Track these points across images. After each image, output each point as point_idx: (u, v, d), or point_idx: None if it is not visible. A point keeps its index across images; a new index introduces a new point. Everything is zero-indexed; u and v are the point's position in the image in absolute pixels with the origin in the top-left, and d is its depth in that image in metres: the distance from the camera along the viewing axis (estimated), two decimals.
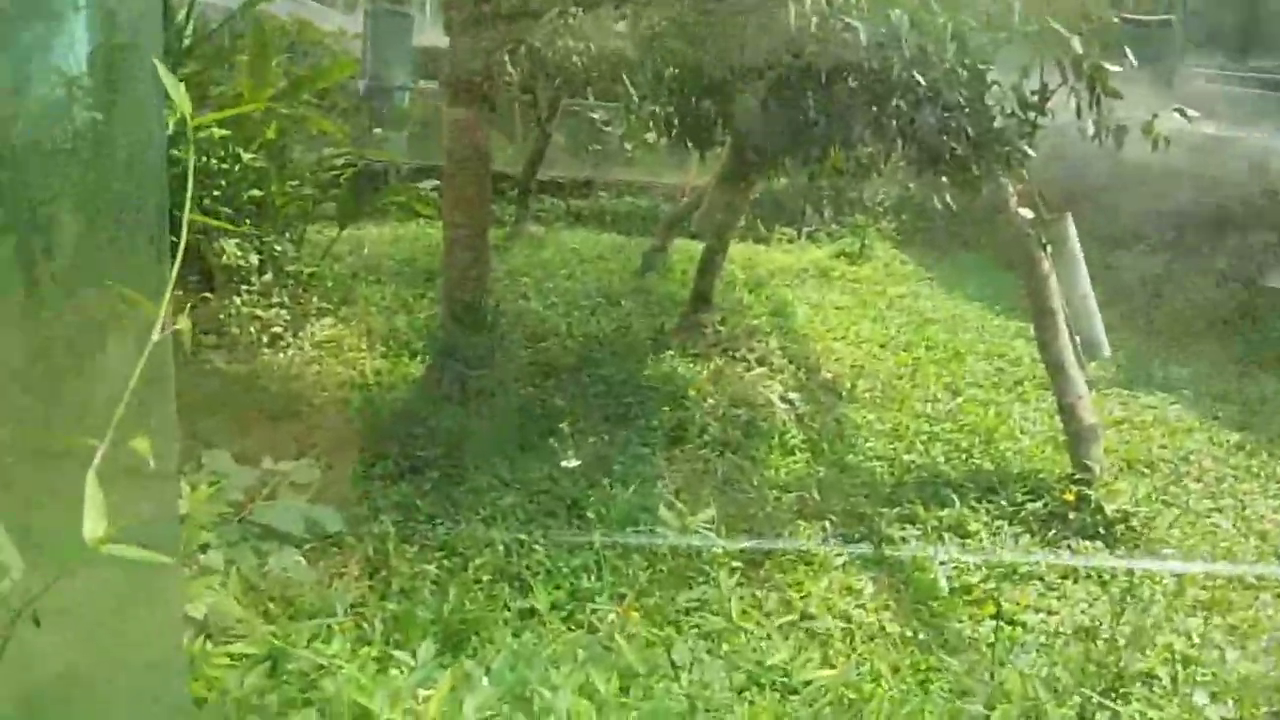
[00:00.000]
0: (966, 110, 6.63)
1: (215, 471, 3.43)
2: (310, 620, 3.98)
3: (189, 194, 1.81)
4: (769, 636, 3.42)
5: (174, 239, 1.76)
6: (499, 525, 5.56)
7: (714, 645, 2.96)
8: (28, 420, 1.52)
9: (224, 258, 7.82)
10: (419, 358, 7.83)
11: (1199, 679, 3.97)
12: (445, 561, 5.11)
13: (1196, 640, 4.53)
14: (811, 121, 6.49)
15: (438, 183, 10.70)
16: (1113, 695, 2.87)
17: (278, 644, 2.57)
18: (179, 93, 1.62)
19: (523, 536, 5.40)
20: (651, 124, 8.13)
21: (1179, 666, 4.06)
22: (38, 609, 1.26)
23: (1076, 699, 2.59)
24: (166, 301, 1.54)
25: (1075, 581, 5.60)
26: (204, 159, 7.63)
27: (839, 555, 5.60)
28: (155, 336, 1.46)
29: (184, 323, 1.66)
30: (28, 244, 1.46)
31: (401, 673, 2.54)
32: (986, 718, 2.29)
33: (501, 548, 5.26)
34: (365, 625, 4.31)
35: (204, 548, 3.10)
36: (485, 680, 2.49)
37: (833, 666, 4.27)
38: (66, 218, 1.67)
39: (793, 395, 7.58)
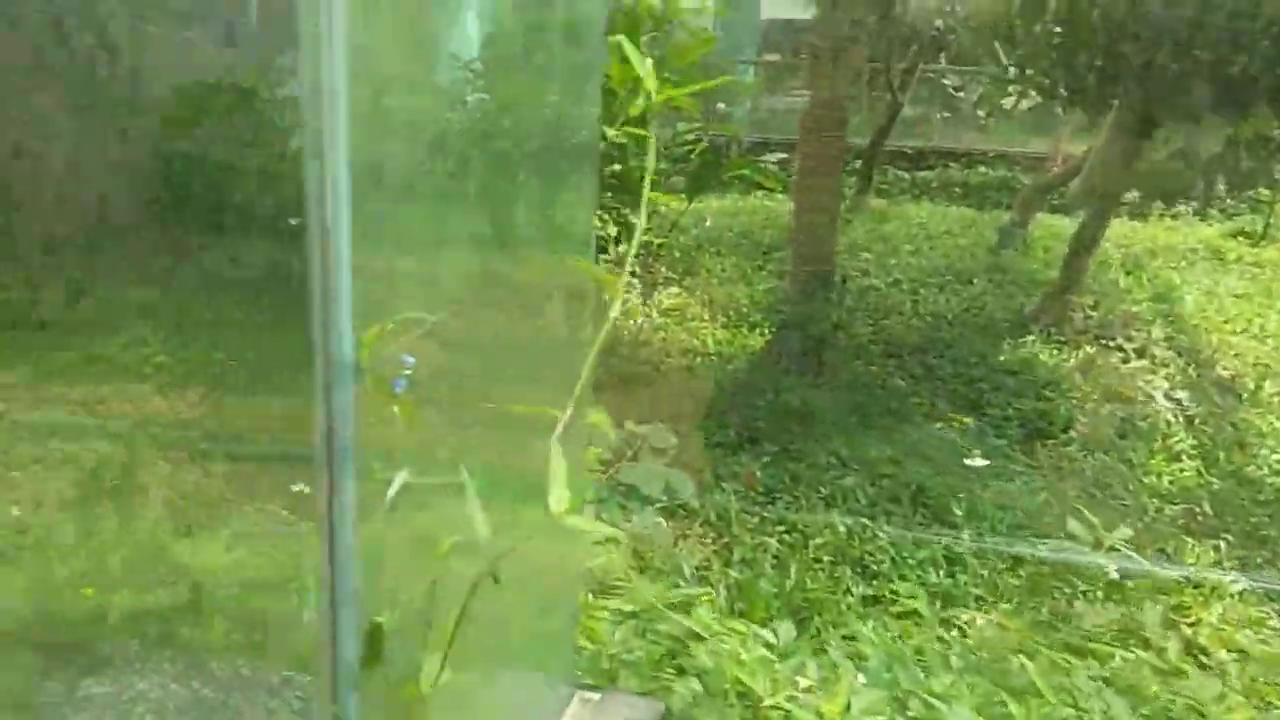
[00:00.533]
0: None
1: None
2: (666, 584, 4.12)
3: (649, 169, 1.79)
4: (1182, 672, 2.96)
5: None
6: (839, 505, 5.42)
7: (1115, 677, 2.60)
8: (492, 388, 1.59)
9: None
10: (758, 329, 7.84)
11: None
12: (785, 536, 5.06)
13: None
14: (1232, 78, 5.53)
15: (783, 155, 10.68)
16: None
17: (653, 603, 2.62)
18: (646, 70, 1.62)
19: (865, 519, 5.22)
20: (1017, 88, 7.40)
21: None
22: (499, 572, 1.31)
23: None
24: (624, 279, 1.56)
25: None
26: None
27: (1235, 580, 4.82)
28: (614, 314, 1.47)
29: (617, 305, 1.66)
30: (498, 219, 1.52)
31: (768, 649, 2.48)
32: None
33: (843, 529, 5.11)
34: (711, 588, 4.39)
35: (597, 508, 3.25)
36: (861, 678, 2.37)
37: (1230, 709, 3.67)
38: (522, 193, 1.72)
39: (1180, 393, 6.63)
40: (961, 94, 13.73)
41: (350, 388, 1.15)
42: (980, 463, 5.14)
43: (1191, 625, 4.51)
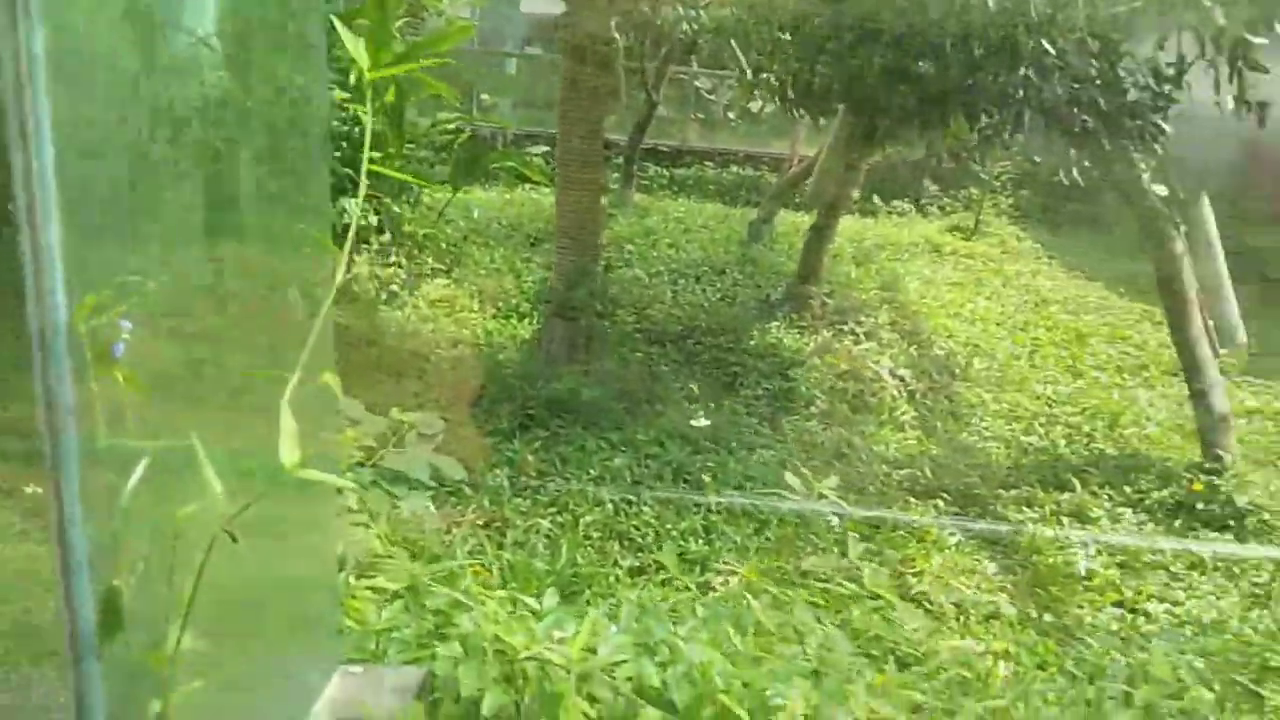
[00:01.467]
0: (1098, 81, 6.33)
1: (349, 417, 3.54)
2: (435, 563, 4.13)
3: (367, 145, 1.85)
4: (892, 606, 3.38)
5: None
6: (608, 485, 5.63)
7: (834, 611, 2.93)
8: (220, 353, 1.58)
9: (344, 217, 8.05)
10: (527, 319, 7.95)
11: None
12: (557, 517, 5.20)
13: None
14: (934, 89, 6.28)
15: (546, 149, 10.84)
16: (1257, 685, 2.73)
17: (418, 578, 2.65)
18: (359, 49, 1.66)
19: (631, 496, 5.46)
20: (759, 91, 7.98)
21: None
22: (234, 530, 1.32)
23: (1218, 686, 2.46)
24: (350, 243, 1.59)
25: (1203, 573, 5.36)
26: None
27: (953, 533, 5.50)
28: (339, 278, 1.50)
29: (356, 270, 1.70)
30: (212, 188, 1.51)
31: (533, 616, 2.59)
32: (1128, 696, 2.20)
33: (610, 506, 5.33)
34: (486, 571, 4.44)
35: (340, 490, 3.20)
36: (614, 629, 2.52)
37: (947, 641, 4.20)
38: (241, 171, 1.72)
39: (903, 371, 7.43)
40: (713, 96, 14.48)
41: (65, 355, 1.15)
42: (704, 423, 5.56)
43: (916, 574, 5.10)
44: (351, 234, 1.77)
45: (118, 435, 1.27)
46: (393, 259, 8.07)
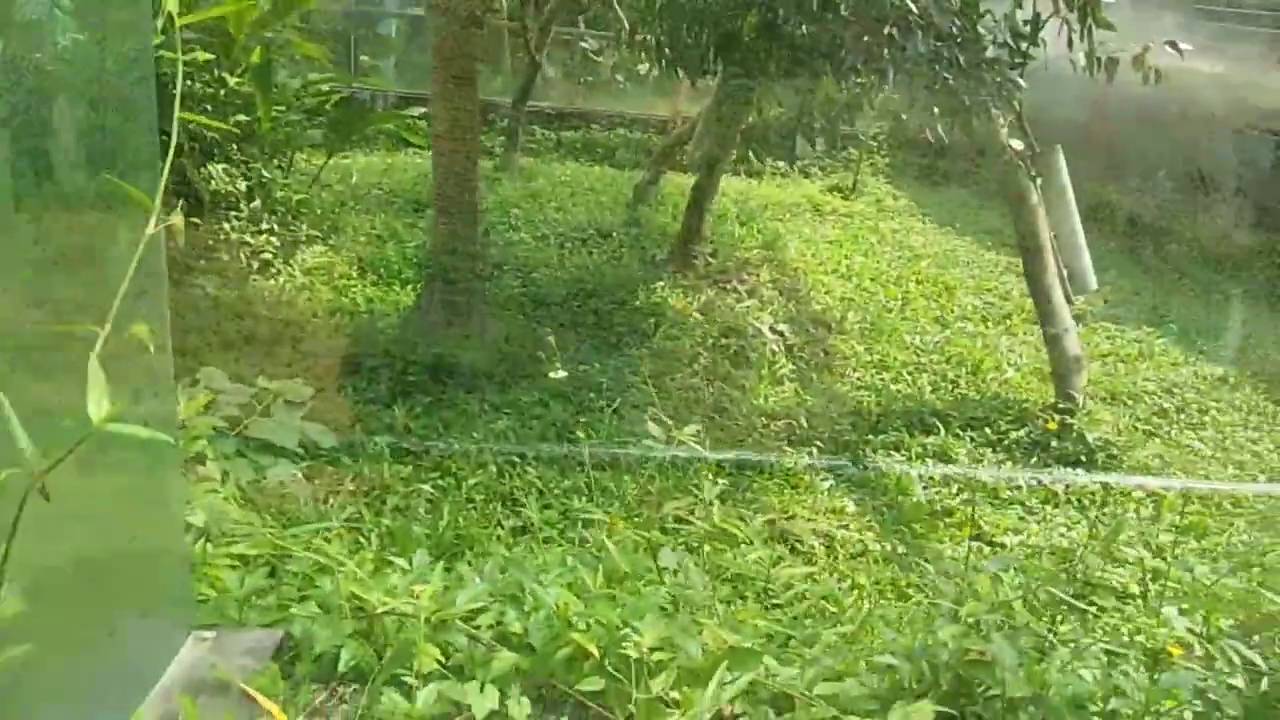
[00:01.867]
0: (958, 40, 6.57)
1: (210, 387, 3.46)
2: (299, 528, 4.09)
3: (179, 91, 1.83)
4: (751, 544, 3.55)
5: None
6: (491, 448, 5.65)
7: (698, 554, 3.05)
8: (36, 308, 1.55)
9: (212, 183, 7.75)
10: (410, 286, 7.83)
11: (1168, 593, 4.10)
12: (440, 481, 5.20)
13: (1170, 558, 4.66)
14: (802, 50, 6.42)
15: (425, 110, 10.62)
16: (1083, 601, 2.98)
17: (278, 545, 2.64)
18: None
19: (515, 457, 5.50)
20: (643, 53, 8.01)
21: (1150, 582, 4.19)
22: (46, 486, 1.31)
23: (1044, 599, 2.68)
24: (161, 192, 1.56)
25: (1055, 506, 5.75)
26: (189, 83, 7.52)
27: (825, 478, 5.73)
28: (150, 228, 1.48)
29: (177, 218, 1.68)
30: (32, 146, 1.47)
31: (399, 574, 2.61)
32: (955, 613, 2.38)
33: (494, 468, 5.35)
34: (362, 539, 4.42)
35: (201, 459, 3.14)
36: (478, 580, 2.57)
37: (815, 580, 4.40)
38: (62, 121, 1.68)
39: (782, 326, 7.64)
40: (600, 58, 14.41)
41: None
42: (561, 374, 5.62)
43: (789, 519, 5.30)
44: (164, 175, 1.73)
45: None
46: (264, 226, 7.81)
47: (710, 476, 3.39)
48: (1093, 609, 2.80)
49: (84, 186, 1.83)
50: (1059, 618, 2.61)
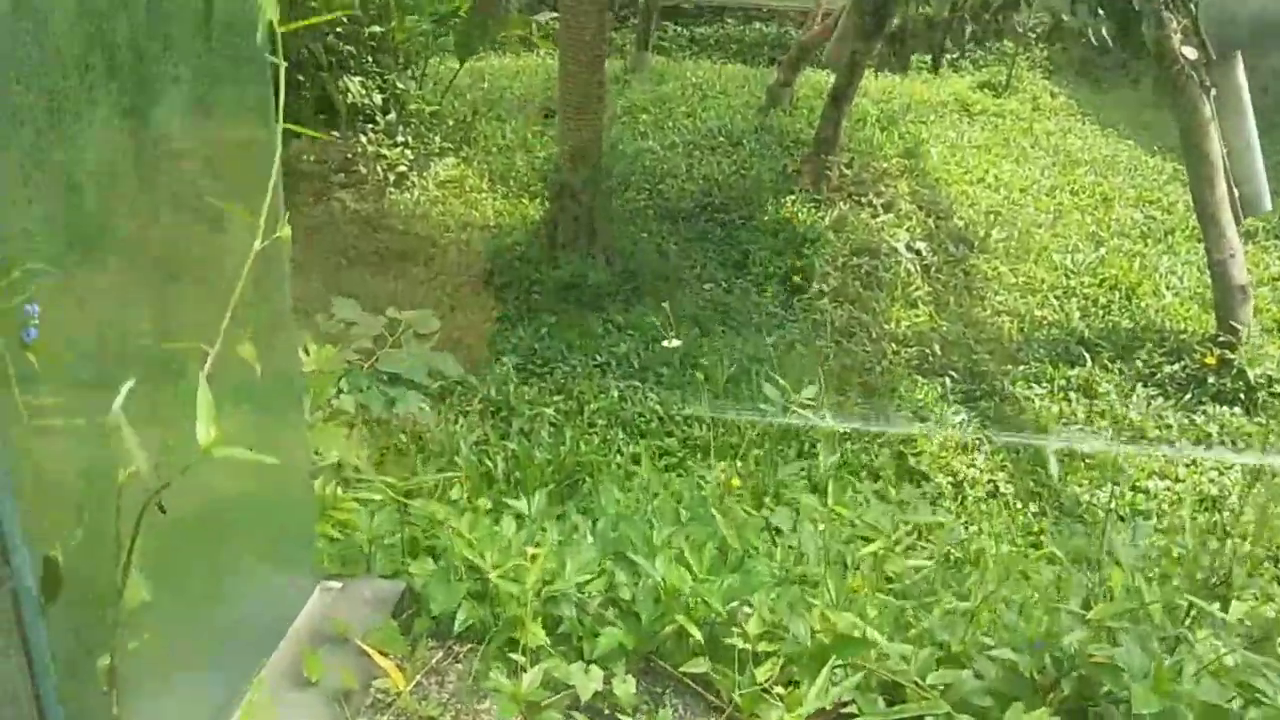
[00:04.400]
0: None
1: (343, 318, 3.58)
2: (439, 457, 4.26)
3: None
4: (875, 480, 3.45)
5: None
6: (613, 372, 5.68)
7: (812, 515, 2.98)
8: (151, 308, 1.58)
9: (348, 96, 7.88)
10: (538, 199, 7.84)
11: None
12: (561, 405, 5.29)
13: None
14: None
15: (555, 14, 10.40)
16: (1225, 586, 2.75)
17: (404, 487, 2.73)
18: None
19: (636, 382, 5.51)
20: None
21: None
22: (162, 500, 1.36)
23: (1183, 603, 2.47)
24: (270, 195, 1.55)
25: (1209, 448, 5.37)
26: None
27: (957, 413, 5.51)
28: (257, 245, 1.48)
29: (285, 230, 1.68)
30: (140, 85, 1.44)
31: (516, 521, 2.66)
32: (1082, 616, 2.24)
33: (616, 393, 5.39)
34: (489, 462, 4.57)
35: (338, 393, 3.27)
36: (590, 538, 2.60)
37: (941, 525, 4.27)
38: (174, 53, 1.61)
39: (920, 244, 7.28)
40: None
41: None
42: (676, 343, 5.50)
43: (916, 455, 5.15)
44: (275, 172, 1.72)
45: (37, 414, 1.30)
46: (399, 139, 7.93)
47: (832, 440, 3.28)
48: (1235, 590, 2.59)
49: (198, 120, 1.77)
50: (1194, 612, 2.43)
